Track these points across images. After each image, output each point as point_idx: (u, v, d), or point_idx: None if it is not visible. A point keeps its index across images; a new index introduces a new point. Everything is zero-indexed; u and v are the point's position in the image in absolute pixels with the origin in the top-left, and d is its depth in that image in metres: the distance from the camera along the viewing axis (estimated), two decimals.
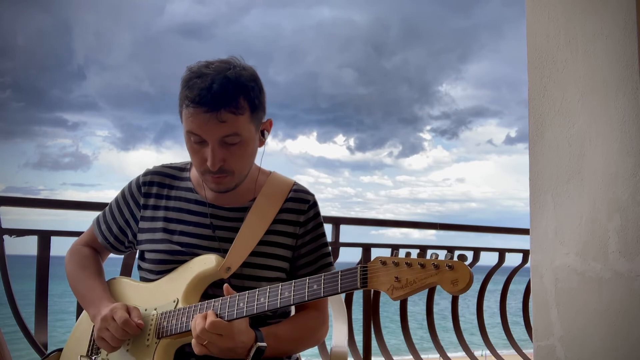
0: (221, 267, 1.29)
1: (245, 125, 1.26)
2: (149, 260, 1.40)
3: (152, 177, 1.44)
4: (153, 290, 1.37)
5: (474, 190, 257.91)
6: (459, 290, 0.99)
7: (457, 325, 3.28)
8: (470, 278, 0.99)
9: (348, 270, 1.10)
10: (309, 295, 1.12)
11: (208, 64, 1.27)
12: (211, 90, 1.21)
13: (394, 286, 1.03)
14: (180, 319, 1.26)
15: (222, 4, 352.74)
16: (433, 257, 1.03)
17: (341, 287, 1.09)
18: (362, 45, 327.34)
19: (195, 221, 1.38)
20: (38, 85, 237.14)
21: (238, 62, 1.29)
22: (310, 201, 1.43)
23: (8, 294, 2.14)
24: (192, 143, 1.28)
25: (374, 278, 1.06)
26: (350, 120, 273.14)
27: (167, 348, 1.27)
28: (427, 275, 1.01)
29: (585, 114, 1.67)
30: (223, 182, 1.30)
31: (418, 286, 1.02)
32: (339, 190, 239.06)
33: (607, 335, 1.58)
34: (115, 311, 1.26)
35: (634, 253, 1.54)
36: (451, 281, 0.99)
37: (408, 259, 1.04)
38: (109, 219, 1.47)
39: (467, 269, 1.00)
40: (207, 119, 1.22)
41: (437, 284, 1.01)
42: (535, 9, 1.81)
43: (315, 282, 1.13)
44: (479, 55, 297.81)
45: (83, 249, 1.52)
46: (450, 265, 1.00)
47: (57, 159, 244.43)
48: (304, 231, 1.41)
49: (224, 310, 1.19)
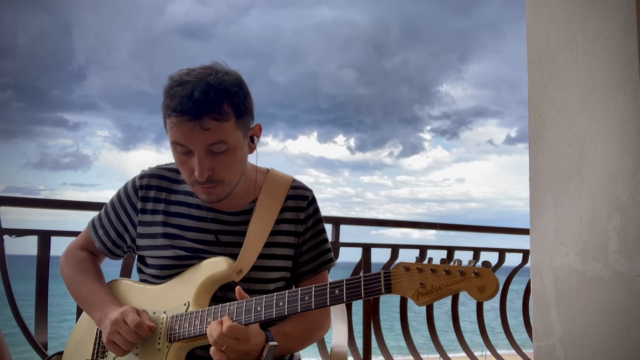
0: (233, 270, 1.27)
1: (231, 131, 1.22)
2: (152, 266, 1.38)
3: (149, 180, 1.40)
4: (161, 293, 1.34)
5: (474, 190, 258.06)
6: (487, 297, 1.00)
7: (457, 325, 3.28)
8: (497, 285, 0.99)
9: (371, 276, 1.08)
10: (331, 301, 1.11)
11: (189, 72, 1.23)
12: (192, 97, 1.17)
13: (419, 292, 1.03)
14: (194, 322, 1.24)
15: (223, 4, 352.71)
16: (456, 263, 1.03)
17: (364, 293, 1.08)
18: (362, 46, 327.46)
19: (198, 227, 1.35)
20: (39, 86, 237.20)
21: (221, 68, 1.26)
22: (309, 197, 1.42)
23: (8, 294, 2.14)
24: (179, 154, 1.24)
25: (397, 284, 1.05)
26: (351, 120, 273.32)
27: (179, 352, 1.26)
28: (453, 282, 1.02)
29: (585, 114, 1.67)
30: (213, 192, 1.26)
31: (444, 292, 1.02)
32: (339, 190, 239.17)
33: (607, 335, 1.58)
34: (126, 314, 1.25)
35: (634, 253, 1.54)
36: (478, 288, 1.00)
37: (432, 265, 1.04)
38: (106, 223, 1.44)
39: (493, 275, 1.00)
40: (190, 128, 1.18)
41: (464, 290, 1.01)
42: (535, 9, 1.81)
43: (337, 288, 1.11)
44: (479, 56, 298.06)
45: (79, 252, 1.48)
46: (476, 273, 1.00)
47: (58, 159, 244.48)
48: (305, 228, 1.40)
49: (240, 316, 1.18)
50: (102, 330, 1.31)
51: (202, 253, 1.33)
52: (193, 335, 1.24)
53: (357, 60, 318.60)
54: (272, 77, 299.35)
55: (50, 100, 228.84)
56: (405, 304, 3.13)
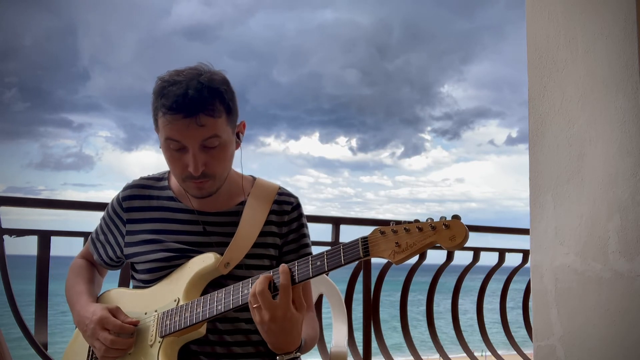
0: (220, 263, 1.31)
1: (223, 127, 1.28)
2: (141, 271, 1.41)
3: (131, 191, 1.45)
4: (152, 294, 1.37)
5: (474, 191, 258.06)
6: (457, 245, 1.04)
7: (457, 325, 3.28)
8: (466, 232, 1.04)
9: (349, 243, 1.13)
10: (313, 271, 1.15)
11: (178, 72, 1.29)
12: (187, 95, 1.23)
13: (394, 251, 1.08)
14: (184, 315, 1.26)
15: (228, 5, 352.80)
16: (428, 221, 1.08)
17: (344, 259, 1.12)
18: (365, 47, 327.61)
19: (185, 229, 1.39)
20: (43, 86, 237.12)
21: (207, 68, 1.32)
22: (293, 203, 1.47)
23: (8, 294, 2.14)
24: (172, 151, 1.29)
25: (374, 247, 1.10)
26: (353, 121, 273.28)
27: (172, 345, 1.28)
28: (425, 237, 1.06)
29: (585, 114, 1.67)
30: (205, 186, 1.32)
31: (418, 247, 1.07)
32: (339, 191, 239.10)
33: (607, 335, 1.58)
34: (105, 321, 1.27)
35: (634, 253, 1.54)
36: (449, 237, 1.05)
37: (406, 224, 1.09)
38: (102, 238, 1.49)
39: (462, 224, 1.05)
40: (186, 125, 1.24)
41: (436, 242, 1.06)
42: (535, 9, 1.81)
43: (319, 259, 1.15)
44: (481, 57, 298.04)
45: (79, 260, 1.56)
46: (446, 225, 1.05)
47: (60, 160, 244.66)
48: (288, 230, 1.44)
49: (228, 298, 1.23)
50: (81, 333, 1.34)
51: (190, 252, 1.36)
52: (183, 326, 1.25)
53: (360, 61, 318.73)
54: (275, 78, 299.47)
55: (54, 101, 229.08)
56: (405, 304, 3.13)
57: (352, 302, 2.83)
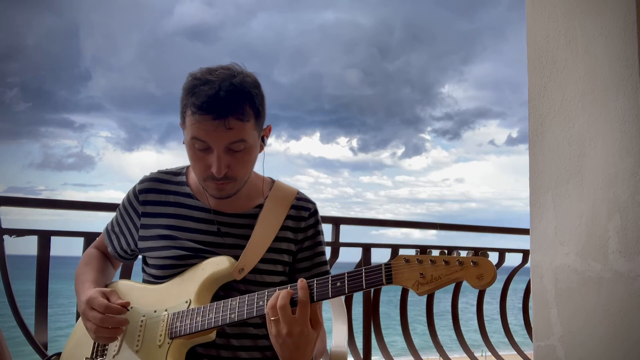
0: (235, 269, 1.29)
1: (250, 131, 1.27)
2: (153, 266, 1.39)
3: (148, 184, 1.43)
4: (163, 292, 1.36)
5: (474, 191, 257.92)
6: (484, 285, 1.03)
7: (457, 325, 3.28)
8: (494, 272, 1.02)
9: (372, 267, 1.11)
10: (333, 292, 1.13)
11: (211, 71, 1.27)
12: (218, 97, 1.21)
13: (419, 282, 1.06)
14: (195, 318, 1.25)
15: (230, 6, 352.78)
16: (455, 254, 1.06)
17: (366, 284, 1.10)
18: (366, 47, 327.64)
19: (200, 228, 1.37)
20: (45, 86, 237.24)
21: (240, 69, 1.29)
22: (311, 209, 1.45)
23: (8, 294, 2.14)
24: (196, 150, 1.27)
25: (398, 275, 1.08)
26: (353, 121, 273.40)
27: (180, 348, 1.27)
28: (452, 272, 1.05)
29: (585, 114, 1.67)
30: (225, 188, 1.30)
31: (443, 281, 1.05)
32: (339, 191, 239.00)
33: (607, 335, 1.58)
34: (92, 301, 1.27)
35: (634, 253, 1.53)
36: (476, 276, 1.03)
37: (431, 256, 1.07)
38: (116, 229, 1.48)
39: (490, 263, 1.03)
40: (214, 126, 1.22)
41: (463, 279, 1.04)
42: (535, 8, 1.81)
43: (339, 280, 1.13)
44: (481, 57, 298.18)
45: (92, 250, 1.55)
46: (474, 262, 1.03)
47: (61, 160, 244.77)
48: (303, 237, 1.42)
49: (242, 308, 1.21)
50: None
51: (204, 253, 1.34)
52: (195, 331, 1.24)
53: (361, 62, 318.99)
54: (276, 79, 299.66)
55: (56, 101, 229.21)
56: (405, 303, 3.13)
57: (352, 302, 2.82)
